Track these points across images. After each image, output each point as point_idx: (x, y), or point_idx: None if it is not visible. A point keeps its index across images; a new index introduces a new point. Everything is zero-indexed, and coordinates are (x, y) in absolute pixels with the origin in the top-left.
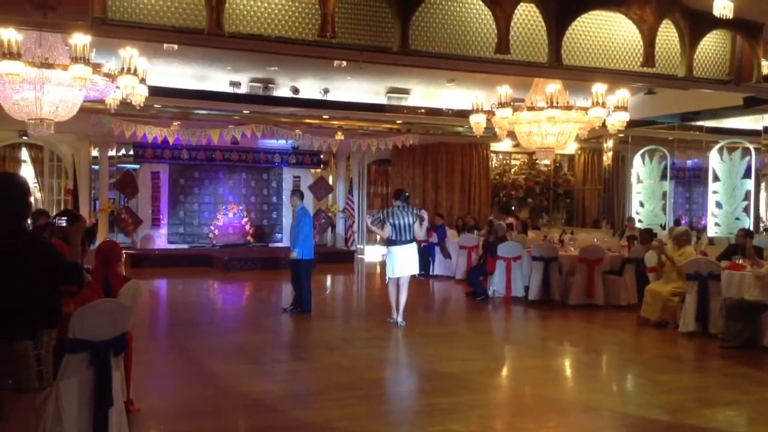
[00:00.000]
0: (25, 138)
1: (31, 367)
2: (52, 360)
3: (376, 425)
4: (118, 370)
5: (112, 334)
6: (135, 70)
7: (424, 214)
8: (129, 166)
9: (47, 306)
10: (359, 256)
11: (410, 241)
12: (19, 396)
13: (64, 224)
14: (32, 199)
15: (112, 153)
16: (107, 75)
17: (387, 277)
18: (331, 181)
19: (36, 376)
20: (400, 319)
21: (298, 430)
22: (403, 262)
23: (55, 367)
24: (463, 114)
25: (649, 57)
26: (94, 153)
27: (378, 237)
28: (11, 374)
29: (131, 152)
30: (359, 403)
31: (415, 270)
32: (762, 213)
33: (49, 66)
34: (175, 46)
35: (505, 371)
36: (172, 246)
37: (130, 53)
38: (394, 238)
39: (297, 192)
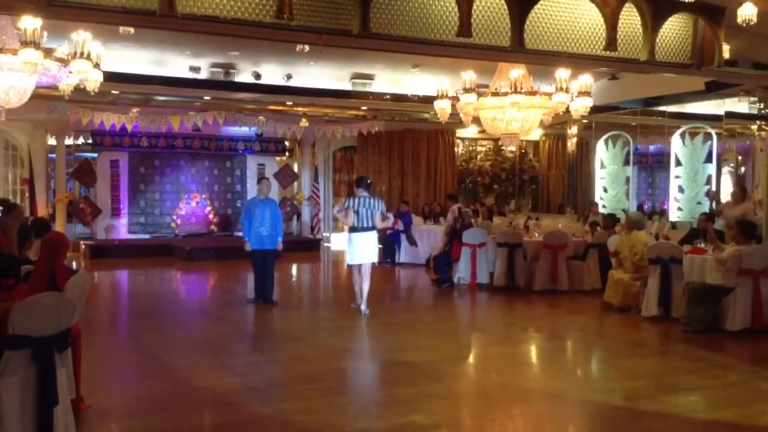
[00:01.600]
0: None
1: None
2: None
3: (336, 418)
4: (64, 367)
5: (55, 330)
6: (88, 55)
7: (390, 216)
8: (87, 154)
9: None
10: (325, 244)
11: (370, 229)
12: None
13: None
14: None
15: (69, 141)
16: (59, 60)
17: (346, 264)
18: (296, 169)
19: None
20: (363, 307)
21: (256, 425)
22: (362, 249)
23: None
24: (429, 100)
25: (611, 41)
26: (51, 141)
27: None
28: None
29: (89, 140)
30: (320, 395)
31: (373, 258)
32: (722, 197)
33: None
34: (131, 30)
35: (469, 359)
36: (133, 236)
37: (83, 37)
38: (355, 225)
39: (266, 179)
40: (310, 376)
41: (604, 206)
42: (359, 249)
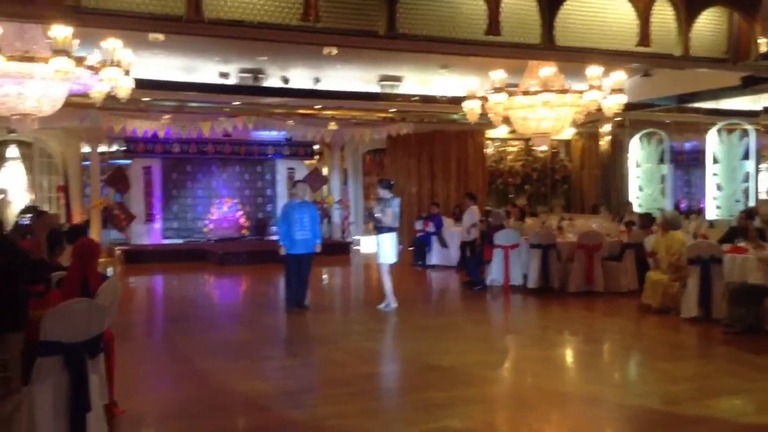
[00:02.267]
0: (13, 135)
1: None
2: (19, 365)
3: (369, 423)
4: (96, 373)
5: (86, 336)
6: (119, 63)
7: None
8: (121, 161)
9: (11, 308)
10: (355, 247)
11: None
12: None
13: (27, 222)
14: None
15: (102, 148)
16: (90, 68)
17: (387, 264)
18: (325, 172)
19: (2, 383)
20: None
21: (288, 429)
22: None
23: (25, 373)
24: (457, 101)
25: (644, 36)
26: (85, 149)
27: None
28: None
29: (122, 147)
30: (352, 399)
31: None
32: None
33: (30, 59)
34: (161, 37)
35: (503, 363)
36: (167, 241)
37: (113, 45)
38: (394, 225)
39: (302, 182)
40: (342, 380)
41: (639, 205)
42: (396, 247)
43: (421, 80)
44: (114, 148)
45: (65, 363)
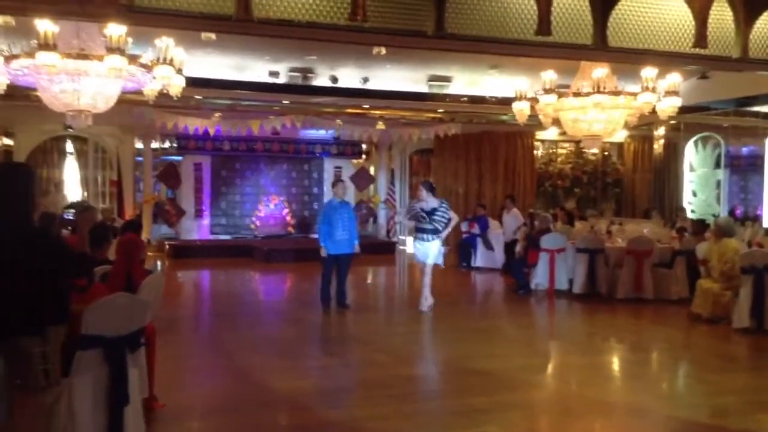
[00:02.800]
0: (70, 130)
1: (37, 364)
2: (59, 358)
3: (407, 426)
4: (136, 367)
5: (127, 330)
6: (171, 61)
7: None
8: (172, 157)
9: (54, 302)
10: (400, 247)
11: None
12: (26, 395)
13: (71, 217)
14: (37, 190)
15: (155, 145)
16: (144, 66)
17: (440, 265)
18: (372, 172)
19: (42, 375)
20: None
21: (325, 429)
22: None
23: (65, 365)
24: (507, 102)
25: (701, 37)
26: (138, 145)
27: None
28: (17, 373)
29: (174, 144)
30: (391, 401)
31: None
32: None
33: (86, 57)
34: (213, 36)
35: (547, 369)
36: (214, 237)
37: (166, 43)
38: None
39: (342, 181)
40: (381, 382)
41: (692, 211)
42: None
43: (471, 80)
44: (166, 144)
45: (105, 356)
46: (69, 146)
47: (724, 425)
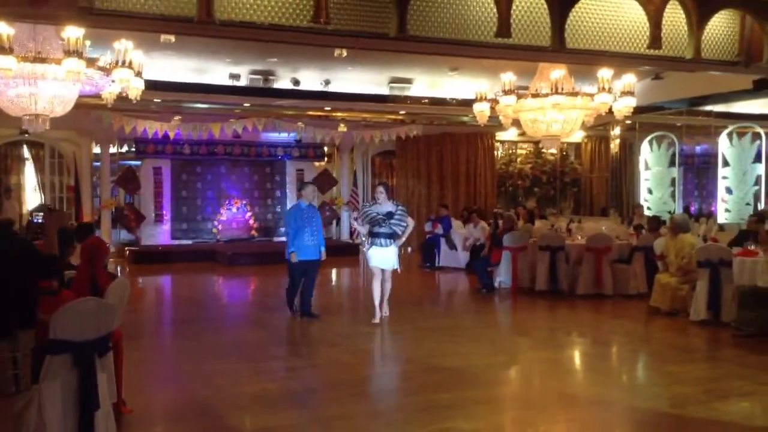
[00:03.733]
0: (26, 135)
1: (7, 369)
2: (30, 363)
3: (375, 424)
4: (105, 372)
5: (95, 334)
6: (130, 63)
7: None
8: (131, 162)
9: (24, 305)
10: (363, 249)
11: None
12: None
13: (41, 221)
14: None
15: (113, 149)
16: (102, 69)
17: (398, 270)
18: (335, 174)
19: (12, 380)
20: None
21: (293, 429)
22: None
23: (35, 371)
24: (467, 103)
25: (655, 39)
26: (96, 150)
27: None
28: None
29: (133, 148)
30: (358, 400)
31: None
32: None
33: (43, 60)
34: (172, 38)
35: (511, 365)
36: (176, 242)
37: (124, 46)
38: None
39: (311, 184)
40: (348, 382)
41: (648, 208)
42: None
43: (432, 82)
44: (124, 149)
45: (74, 361)
46: (25, 152)
47: (683, 414)
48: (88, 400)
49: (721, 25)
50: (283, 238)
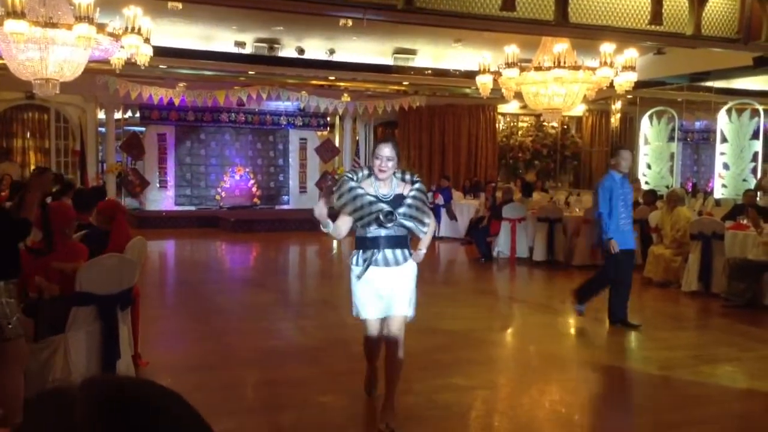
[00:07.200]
0: (32, 100)
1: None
2: (15, 310)
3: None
4: (125, 325)
5: (118, 289)
6: (139, 30)
7: None
8: (135, 128)
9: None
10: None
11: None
12: None
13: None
14: None
15: (118, 115)
16: (111, 34)
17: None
18: (337, 143)
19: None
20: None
21: (304, 381)
22: None
23: (54, 323)
24: (471, 75)
25: (656, 15)
26: (101, 115)
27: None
28: None
29: (137, 114)
30: (363, 358)
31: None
32: None
33: (54, 25)
34: (179, 5)
35: (507, 329)
36: (180, 208)
37: (134, 12)
38: None
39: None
40: (354, 341)
41: (647, 183)
42: None
43: (435, 54)
44: (129, 114)
45: (98, 313)
46: (30, 115)
47: (672, 375)
48: (111, 350)
49: (721, 2)
50: (285, 206)
